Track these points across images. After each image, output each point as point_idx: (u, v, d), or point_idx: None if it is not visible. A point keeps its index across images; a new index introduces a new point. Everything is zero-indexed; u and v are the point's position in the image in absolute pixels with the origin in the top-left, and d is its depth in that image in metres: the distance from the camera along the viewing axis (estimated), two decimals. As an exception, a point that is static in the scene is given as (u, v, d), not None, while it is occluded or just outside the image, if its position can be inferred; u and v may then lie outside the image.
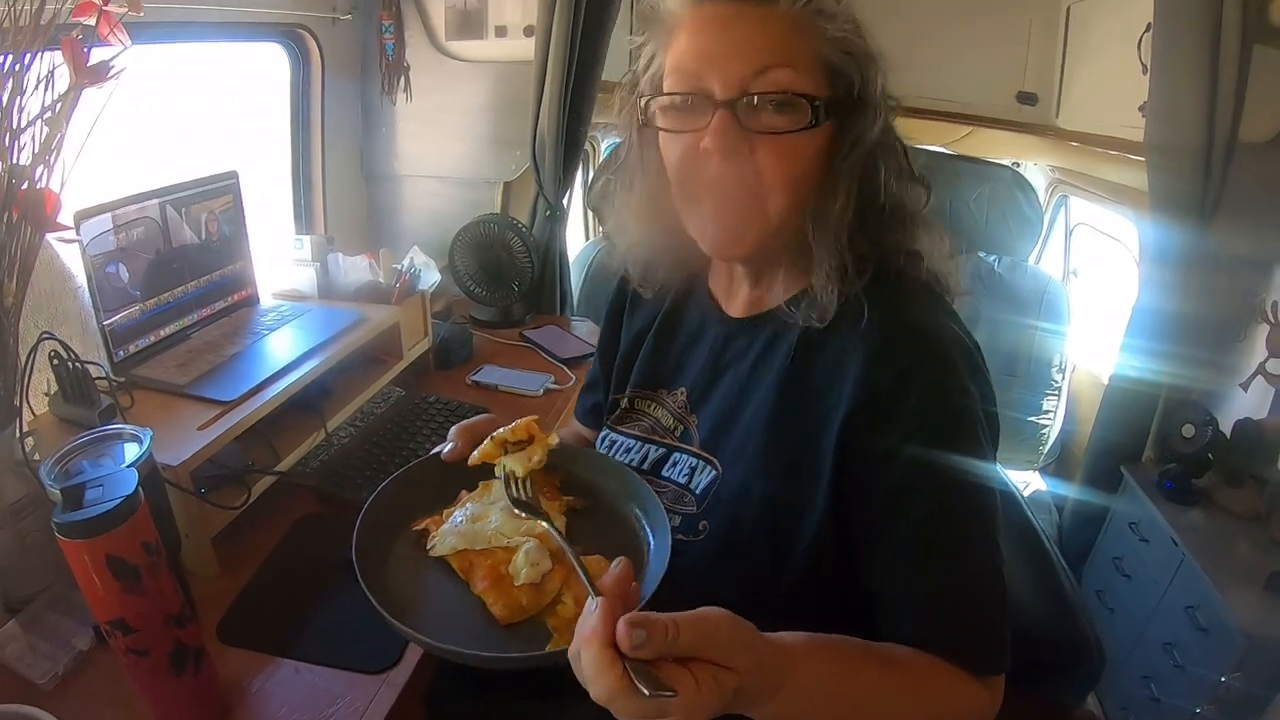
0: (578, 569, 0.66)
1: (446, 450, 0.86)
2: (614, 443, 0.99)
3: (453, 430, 0.87)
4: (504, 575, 0.75)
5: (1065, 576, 0.99)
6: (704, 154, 0.76)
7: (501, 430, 0.84)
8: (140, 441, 0.97)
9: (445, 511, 0.84)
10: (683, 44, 0.78)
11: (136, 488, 0.77)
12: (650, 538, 0.81)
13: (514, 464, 0.82)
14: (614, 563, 0.60)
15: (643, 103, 0.83)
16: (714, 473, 0.86)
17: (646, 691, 0.51)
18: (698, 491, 0.87)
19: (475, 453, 0.83)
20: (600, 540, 0.80)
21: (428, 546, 0.81)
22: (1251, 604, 1.61)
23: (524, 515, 0.79)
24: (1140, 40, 1.99)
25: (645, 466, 0.93)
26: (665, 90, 0.80)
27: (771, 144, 0.75)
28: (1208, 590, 1.66)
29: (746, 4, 0.75)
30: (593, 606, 0.56)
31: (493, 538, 0.78)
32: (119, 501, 0.75)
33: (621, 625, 0.52)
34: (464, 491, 0.86)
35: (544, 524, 0.77)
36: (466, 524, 0.80)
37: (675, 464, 0.91)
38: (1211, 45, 1.71)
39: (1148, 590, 1.91)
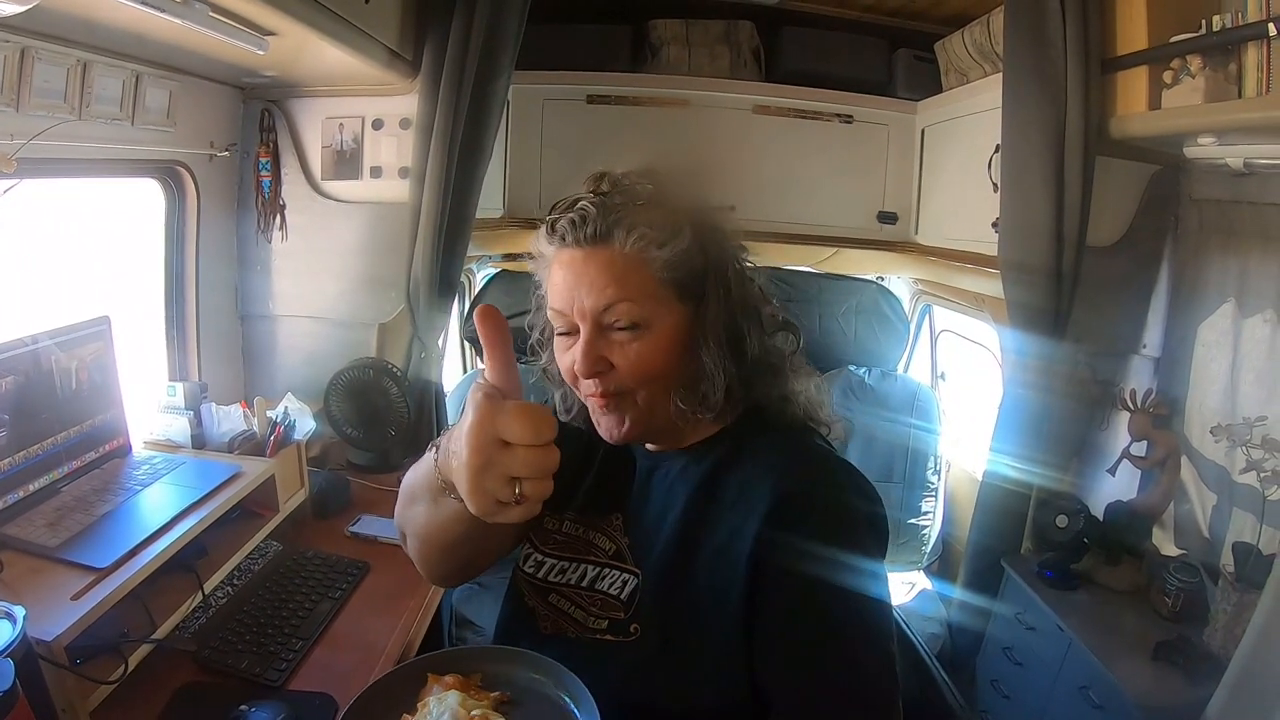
0: None
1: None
2: (547, 565, 1.04)
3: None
4: None
5: (949, 691, 1.06)
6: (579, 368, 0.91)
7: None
8: (13, 620, 0.93)
9: None
10: (555, 279, 0.93)
11: (14, 682, 0.71)
12: (577, 712, 0.84)
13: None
14: None
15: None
16: (635, 580, 0.96)
17: None
18: (623, 598, 0.96)
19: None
20: None
21: None
22: (1142, 676, 1.68)
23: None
24: (990, 161, 2.15)
25: (583, 584, 1.00)
26: (550, 319, 0.96)
27: (623, 350, 0.90)
28: (1098, 670, 1.73)
29: (590, 249, 0.90)
30: None
31: None
32: (-3, 698, 0.69)
33: None
34: (405, 716, 0.86)
35: None
36: None
37: (606, 578, 0.99)
38: (1056, 161, 1.88)
39: (1041, 675, 1.97)
